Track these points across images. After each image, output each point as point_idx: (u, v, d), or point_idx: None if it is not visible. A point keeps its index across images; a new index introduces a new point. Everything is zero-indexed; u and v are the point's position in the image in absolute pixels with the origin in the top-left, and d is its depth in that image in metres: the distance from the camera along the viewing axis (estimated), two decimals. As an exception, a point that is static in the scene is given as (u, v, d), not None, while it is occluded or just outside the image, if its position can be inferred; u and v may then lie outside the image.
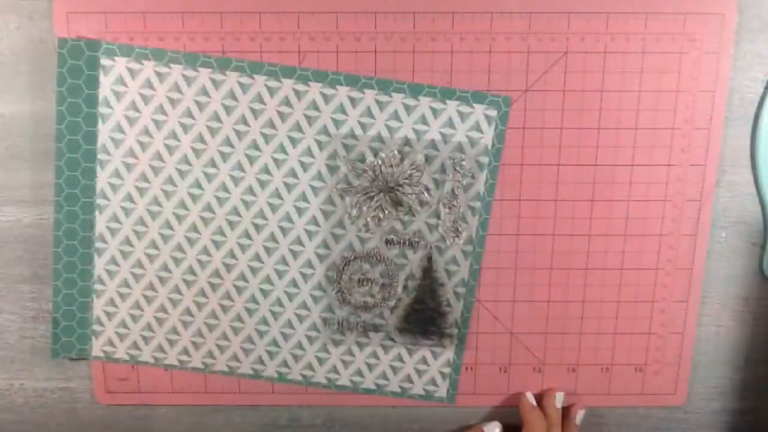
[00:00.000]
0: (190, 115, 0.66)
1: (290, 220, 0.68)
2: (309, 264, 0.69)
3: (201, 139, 0.67)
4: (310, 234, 0.69)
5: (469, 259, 0.69)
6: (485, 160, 0.67)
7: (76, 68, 0.65)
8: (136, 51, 0.65)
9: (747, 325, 0.73)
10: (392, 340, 0.71)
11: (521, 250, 0.70)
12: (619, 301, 0.71)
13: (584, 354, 0.72)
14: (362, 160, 0.67)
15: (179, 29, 0.65)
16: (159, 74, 0.65)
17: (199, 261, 0.69)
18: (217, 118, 0.66)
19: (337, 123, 0.66)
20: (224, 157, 0.67)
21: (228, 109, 0.66)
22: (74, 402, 0.75)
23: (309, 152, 0.67)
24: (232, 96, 0.66)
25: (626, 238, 0.70)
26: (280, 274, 0.70)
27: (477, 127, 0.66)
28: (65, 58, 0.65)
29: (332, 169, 0.67)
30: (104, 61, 0.65)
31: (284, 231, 0.69)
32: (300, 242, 0.69)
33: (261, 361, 0.72)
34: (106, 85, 0.66)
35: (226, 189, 0.68)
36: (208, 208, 0.68)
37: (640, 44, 0.65)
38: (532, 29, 0.65)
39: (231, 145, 0.67)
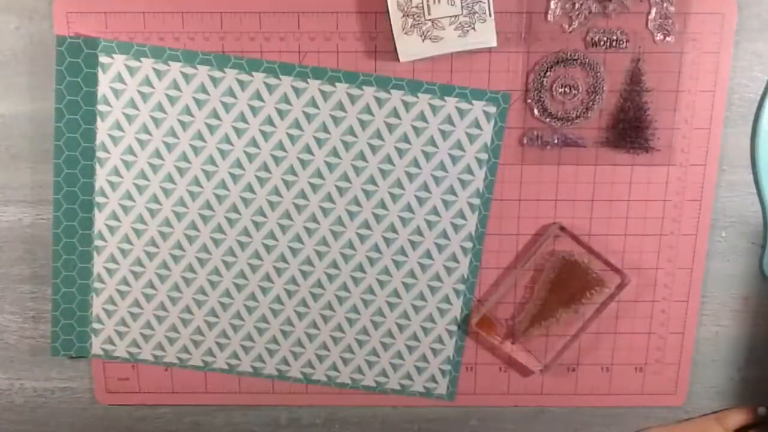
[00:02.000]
0: (188, 112, 0.66)
1: (289, 218, 0.68)
2: (308, 261, 0.70)
3: (200, 136, 0.67)
4: (309, 232, 0.69)
5: (468, 255, 0.69)
6: (484, 156, 0.67)
7: (75, 66, 0.65)
8: (135, 48, 0.65)
9: (747, 325, 0.73)
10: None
11: (521, 250, 0.70)
12: (619, 301, 0.70)
13: (584, 354, 0.72)
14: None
15: (179, 29, 0.65)
16: (157, 71, 0.65)
17: (199, 259, 0.69)
18: (216, 116, 0.66)
19: (336, 120, 0.66)
20: (223, 154, 0.67)
21: (226, 107, 0.66)
22: (74, 402, 0.75)
23: (308, 149, 0.67)
24: (231, 93, 0.66)
25: (626, 238, 0.70)
26: (279, 272, 0.70)
27: (476, 124, 0.66)
28: (64, 56, 0.65)
29: (332, 167, 0.67)
30: (103, 59, 0.65)
31: (283, 228, 0.69)
32: (300, 240, 0.69)
33: (261, 359, 0.72)
34: (104, 83, 0.66)
35: (225, 186, 0.68)
36: (207, 205, 0.68)
37: (641, 44, 0.65)
38: (531, 29, 0.65)
39: (230, 143, 0.67)
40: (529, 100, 0.66)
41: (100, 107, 0.66)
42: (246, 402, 0.74)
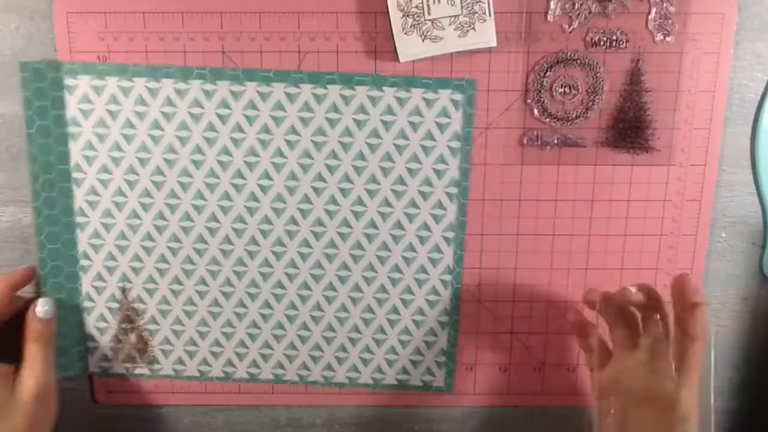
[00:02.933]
0: (158, 126, 0.66)
1: (269, 222, 0.68)
2: (292, 264, 0.70)
3: (172, 149, 0.67)
4: (290, 234, 0.69)
5: (451, 245, 0.69)
6: (456, 144, 0.67)
7: (41, 90, 0.65)
8: (99, 68, 0.65)
9: (747, 325, 0.73)
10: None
11: (521, 251, 0.70)
12: (618, 301, 0.70)
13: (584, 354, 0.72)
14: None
15: (179, 29, 0.65)
16: (123, 89, 0.66)
17: (184, 270, 0.70)
18: (185, 127, 0.66)
19: (305, 121, 0.67)
20: (196, 164, 0.67)
21: (194, 117, 0.66)
22: (74, 402, 0.75)
23: (280, 153, 0.67)
24: (197, 104, 0.66)
25: (626, 238, 0.69)
26: (264, 277, 0.70)
27: (444, 113, 0.66)
28: (28, 82, 0.65)
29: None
30: (68, 81, 0.66)
31: (264, 233, 0.69)
32: (281, 243, 0.69)
33: (256, 365, 0.73)
34: (72, 105, 0.66)
35: (202, 196, 0.68)
36: (187, 217, 0.68)
37: (641, 44, 0.65)
38: (531, 29, 0.65)
39: (202, 153, 0.67)
40: (528, 100, 0.66)
41: (71, 129, 0.66)
42: (245, 402, 0.75)
